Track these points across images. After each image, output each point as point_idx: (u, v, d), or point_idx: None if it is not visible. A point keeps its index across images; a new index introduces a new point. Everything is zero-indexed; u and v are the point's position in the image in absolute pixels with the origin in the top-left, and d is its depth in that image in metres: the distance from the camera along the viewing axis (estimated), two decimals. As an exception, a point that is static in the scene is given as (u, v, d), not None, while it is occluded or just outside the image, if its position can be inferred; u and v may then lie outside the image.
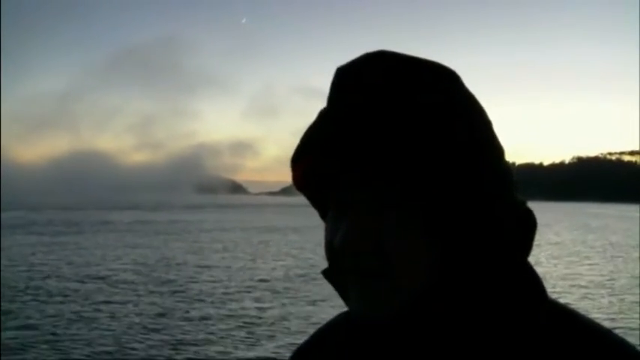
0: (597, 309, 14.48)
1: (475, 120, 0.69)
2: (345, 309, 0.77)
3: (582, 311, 0.71)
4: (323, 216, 0.75)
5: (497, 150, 0.70)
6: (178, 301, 15.09)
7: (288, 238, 33.82)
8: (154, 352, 10.48)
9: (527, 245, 0.70)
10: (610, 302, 15.83)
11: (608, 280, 19.77)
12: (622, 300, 16.08)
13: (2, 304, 13.70)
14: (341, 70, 0.71)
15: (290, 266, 22.07)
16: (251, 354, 10.47)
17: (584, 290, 17.75)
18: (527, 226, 0.70)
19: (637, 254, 27.19)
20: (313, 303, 14.92)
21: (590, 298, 16.37)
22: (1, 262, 20.00)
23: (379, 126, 0.64)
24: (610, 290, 17.71)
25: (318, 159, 0.67)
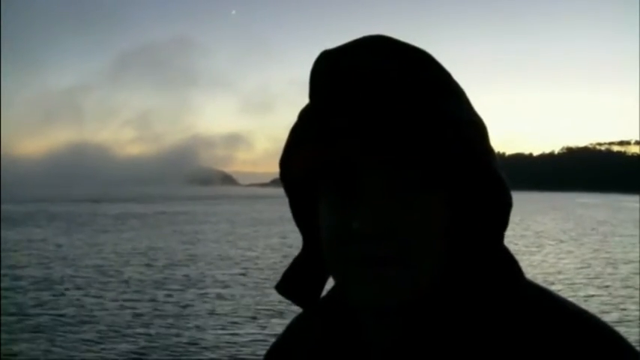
0: (574, 292, 14.75)
1: (467, 98, 0.70)
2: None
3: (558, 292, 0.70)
4: (297, 206, 0.77)
5: (486, 127, 0.71)
6: (165, 293, 15.24)
7: (275, 229, 33.90)
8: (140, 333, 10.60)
9: (505, 224, 0.70)
10: (584, 286, 16.16)
11: (584, 267, 20.06)
12: (596, 286, 16.39)
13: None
14: (337, 53, 0.68)
15: (272, 257, 22.24)
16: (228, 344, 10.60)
17: (561, 276, 18.06)
18: (506, 205, 0.70)
19: (618, 240, 27.54)
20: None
21: (567, 283, 16.68)
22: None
23: (393, 106, 0.62)
24: (584, 275, 18.05)
25: (330, 143, 0.65)
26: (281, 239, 27.82)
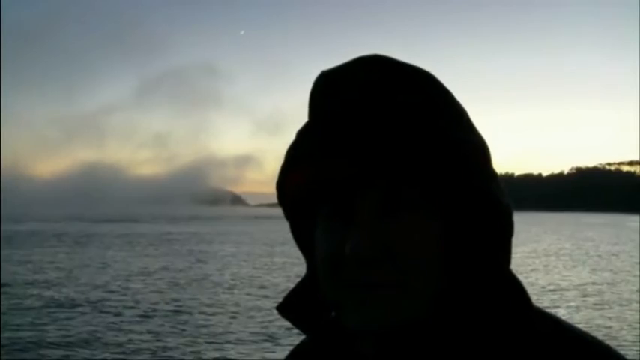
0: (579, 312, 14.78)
1: (469, 119, 0.69)
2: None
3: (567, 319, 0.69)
4: (297, 230, 0.76)
5: (488, 149, 0.69)
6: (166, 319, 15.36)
7: (282, 249, 33.99)
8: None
9: (506, 249, 0.68)
10: (588, 305, 16.18)
11: (584, 285, 20.06)
12: (596, 307, 16.43)
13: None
14: (336, 73, 0.68)
15: (279, 277, 22.34)
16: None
17: (570, 294, 18.09)
18: (506, 229, 0.68)
19: (620, 262, 27.45)
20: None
21: (569, 303, 16.72)
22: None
23: (390, 125, 0.62)
24: (588, 296, 18.08)
25: (325, 162, 0.64)
26: (288, 259, 27.90)
